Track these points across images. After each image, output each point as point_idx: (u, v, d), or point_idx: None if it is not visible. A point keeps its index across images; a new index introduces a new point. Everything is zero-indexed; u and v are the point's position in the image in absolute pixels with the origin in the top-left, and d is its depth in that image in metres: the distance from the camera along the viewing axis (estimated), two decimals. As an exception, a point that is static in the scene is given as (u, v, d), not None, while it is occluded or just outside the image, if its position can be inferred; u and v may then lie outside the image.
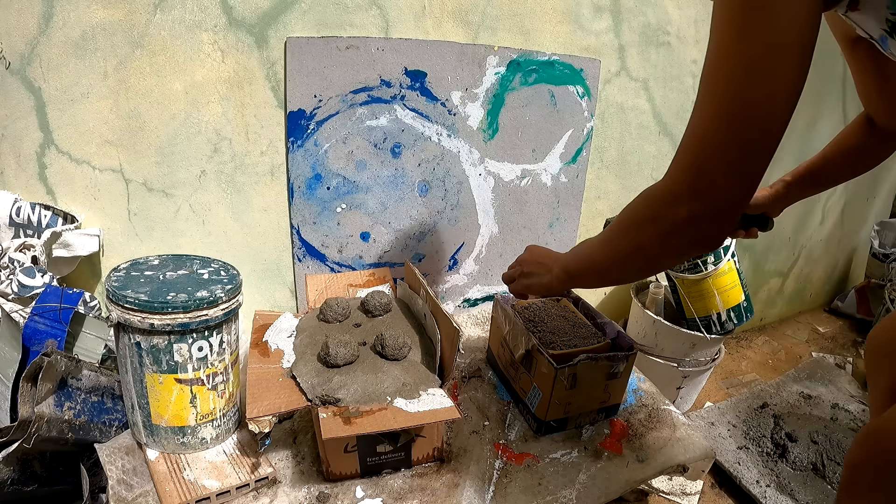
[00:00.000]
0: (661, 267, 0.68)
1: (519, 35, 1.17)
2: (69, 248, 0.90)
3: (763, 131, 0.53)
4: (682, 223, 0.57)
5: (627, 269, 0.69)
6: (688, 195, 0.57)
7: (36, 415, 0.72)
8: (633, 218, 0.65)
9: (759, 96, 0.51)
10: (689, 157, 0.57)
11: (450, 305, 1.35)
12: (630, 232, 0.65)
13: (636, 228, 0.64)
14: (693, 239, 0.59)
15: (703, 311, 1.35)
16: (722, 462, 1.29)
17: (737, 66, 0.52)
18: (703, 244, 0.59)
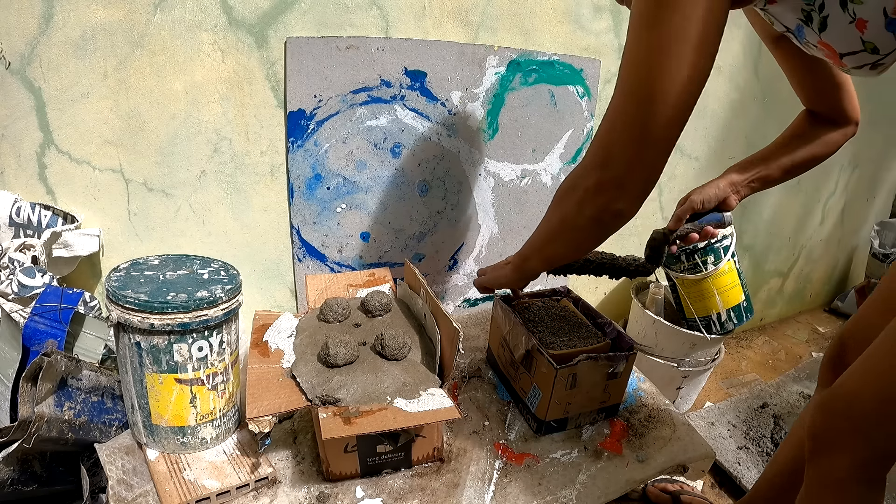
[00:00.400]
0: (586, 238, 0.75)
1: (519, 35, 1.17)
2: (69, 248, 0.90)
3: (661, 113, 0.59)
4: (592, 190, 0.67)
5: (559, 241, 0.78)
6: (596, 165, 0.66)
7: (36, 415, 0.72)
8: (558, 193, 0.74)
9: (657, 81, 0.58)
10: (599, 133, 0.66)
11: (450, 305, 1.35)
12: (556, 205, 0.75)
13: (559, 201, 0.74)
14: (603, 205, 0.67)
15: (703, 311, 1.35)
16: (722, 462, 1.29)
17: (642, 54, 0.60)
18: (613, 210, 0.67)
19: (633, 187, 0.65)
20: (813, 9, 0.62)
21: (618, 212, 0.67)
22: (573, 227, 0.73)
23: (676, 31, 0.57)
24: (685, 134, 1.22)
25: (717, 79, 1.48)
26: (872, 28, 0.59)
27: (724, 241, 1.34)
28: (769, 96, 1.61)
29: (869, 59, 0.63)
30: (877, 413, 0.61)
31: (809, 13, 0.62)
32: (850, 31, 0.60)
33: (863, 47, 0.61)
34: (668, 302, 1.49)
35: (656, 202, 1.55)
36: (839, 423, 0.65)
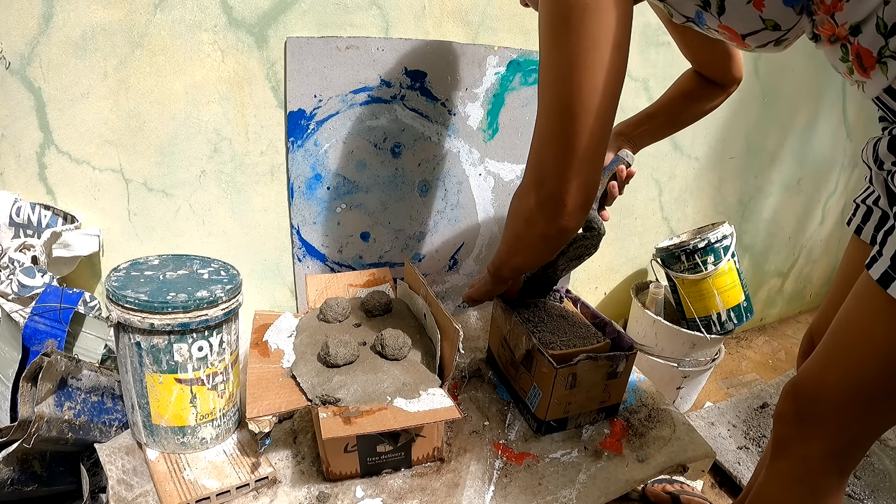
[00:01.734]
0: (541, 252, 0.77)
1: (519, 35, 1.17)
2: (69, 248, 0.90)
3: (584, 125, 0.60)
4: (534, 209, 0.68)
5: (519, 254, 0.79)
6: (532, 186, 0.68)
7: (36, 415, 0.72)
8: (510, 208, 0.76)
9: (575, 95, 0.59)
10: (530, 152, 0.68)
11: (450, 305, 1.35)
12: (509, 221, 0.77)
13: (511, 217, 0.76)
14: (546, 223, 0.68)
15: (703, 311, 1.35)
16: (722, 462, 1.29)
17: (555, 68, 0.60)
18: (557, 227, 0.68)
19: (571, 202, 0.65)
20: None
21: (562, 228, 0.68)
22: (525, 243, 0.76)
23: (586, 40, 0.57)
24: (685, 133, 1.23)
25: (717, 79, 1.48)
26: (770, 5, 0.58)
27: (724, 241, 1.34)
28: (769, 96, 1.61)
29: (771, 36, 0.62)
30: (844, 398, 0.61)
31: None
32: (749, 11, 0.59)
33: (763, 25, 0.60)
34: (668, 302, 1.49)
35: (656, 202, 1.55)
36: (807, 409, 0.65)
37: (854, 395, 0.61)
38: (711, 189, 1.67)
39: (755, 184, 1.76)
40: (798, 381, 0.67)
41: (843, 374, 0.61)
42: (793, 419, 0.67)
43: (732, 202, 1.74)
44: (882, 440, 1.49)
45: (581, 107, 0.60)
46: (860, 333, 0.60)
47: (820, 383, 0.64)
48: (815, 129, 1.79)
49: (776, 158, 1.77)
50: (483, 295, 0.95)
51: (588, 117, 0.60)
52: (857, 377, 0.60)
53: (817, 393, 0.64)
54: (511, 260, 0.83)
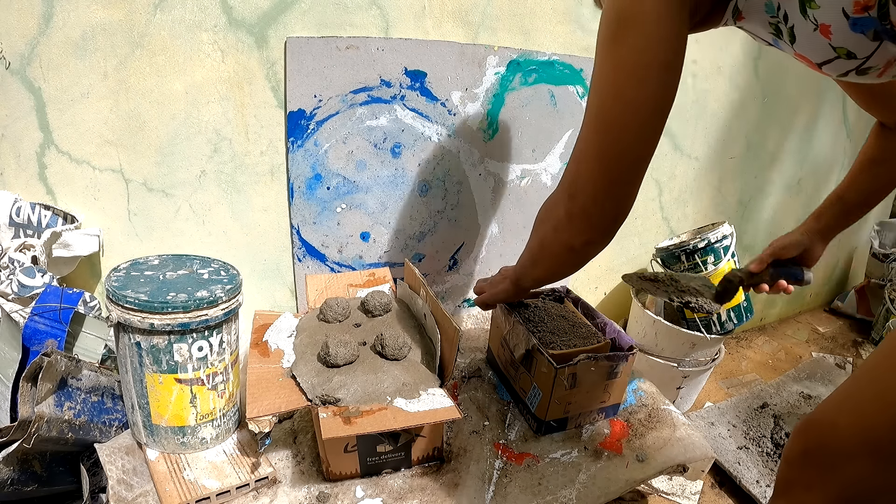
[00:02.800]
0: (563, 263, 0.77)
1: (519, 35, 1.17)
2: (69, 248, 0.90)
3: (626, 143, 0.59)
4: (563, 220, 0.68)
5: (541, 265, 0.79)
6: (565, 195, 0.67)
7: (36, 415, 0.72)
8: (538, 215, 0.76)
9: (621, 111, 0.58)
10: (569, 162, 0.67)
11: (450, 305, 1.35)
12: (536, 228, 0.77)
13: (538, 224, 0.76)
14: (573, 235, 0.67)
15: (703, 311, 1.35)
16: (722, 462, 1.29)
17: (603, 83, 0.59)
18: (583, 241, 0.68)
19: (601, 220, 0.65)
20: (779, 20, 0.59)
21: (588, 241, 0.67)
22: (550, 253, 0.75)
23: (636, 58, 0.56)
24: (685, 134, 1.23)
25: (718, 79, 1.48)
26: (838, 32, 0.54)
27: (723, 241, 1.34)
28: (769, 96, 1.61)
29: (848, 65, 0.58)
30: (854, 450, 0.55)
31: (777, 26, 0.60)
32: (818, 39, 0.56)
33: (836, 54, 0.57)
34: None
35: (656, 202, 1.55)
36: (815, 454, 0.59)
37: (865, 448, 0.55)
38: (711, 189, 1.67)
39: (755, 184, 1.76)
40: (810, 420, 0.61)
41: (856, 424, 0.55)
42: (798, 461, 0.61)
43: (732, 202, 1.74)
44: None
45: (621, 122, 0.58)
46: (880, 386, 0.55)
47: (833, 427, 0.58)
48: (816, 129, 1.79)
49: (776, 158, 1.77)
50: (497, 300, 0.95)
51: (628, 133, 0.59)
52: (870, 430, 0.54)
53: (828, 437, 0.58)
54: (533, 270, 0.82)
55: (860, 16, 0.52)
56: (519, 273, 0.87)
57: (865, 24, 0.53)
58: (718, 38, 1.43)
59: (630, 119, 0.58)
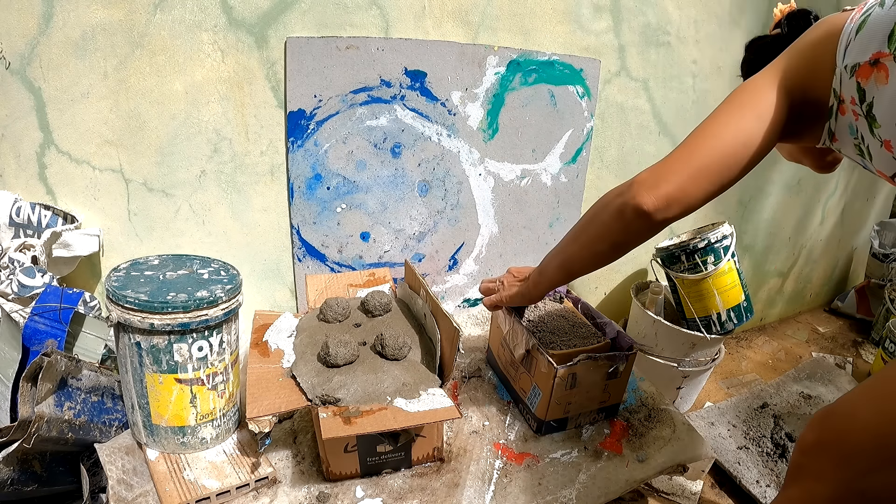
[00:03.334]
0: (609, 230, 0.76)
1: (519, 35, 1.17)
2: (69, 248, 0.90)
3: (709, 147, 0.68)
4: (632, 182, 0.71)
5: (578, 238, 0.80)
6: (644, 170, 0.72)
7: (36, 415, 0.72)
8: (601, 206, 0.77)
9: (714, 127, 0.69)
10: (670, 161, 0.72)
11: (450, 305, 1.35)
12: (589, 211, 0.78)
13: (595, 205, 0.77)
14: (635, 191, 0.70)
15: (703, 311, 1.35)
16: (722, 462, 1.29)
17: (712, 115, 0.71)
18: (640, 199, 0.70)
19: (666, 190, 0.68)
20: (859, 141, 0.66)
21: (640, 206, 0.69)
22: (599, 220, 0.75)
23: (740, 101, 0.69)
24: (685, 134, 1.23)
25: (717, 79, 1.48)
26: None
27: (724, 241, 1.34)
28: (769, 96, 1.61)
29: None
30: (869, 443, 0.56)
31: (859, 146, 0.66)
32: (884, 154, 0.62)
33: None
34: (668, 302, 1.49)
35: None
36: (830, 444, 0.60)
37: (879, 443, 0.55)
38: (711, 189, 1.66)
39: (755, 184, 1.76)
40: (830, 410, 0.62)
41: (877, 418, 0.56)
42: (812, 449, 0.62)
43: (732, 202, 1.74)
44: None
45: (715, 134, 0.68)
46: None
47: (851, 418, 0.59)
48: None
49: (776, 158, 1.76)
50: (514, 301, 0.92)
51: (716, 142, 0.68)
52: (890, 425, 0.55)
53: (846, 428, 0.59)
54: (567, 247, 0.82)
55: None
56: (546, 262, 0.86)
57: None
58: (718, 38, 1.43)
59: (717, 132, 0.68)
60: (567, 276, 0.85)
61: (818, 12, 0.76)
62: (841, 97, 0.65)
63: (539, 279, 0.88)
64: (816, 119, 0.70)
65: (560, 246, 0.84)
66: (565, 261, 0.83)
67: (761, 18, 1.48)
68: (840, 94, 0.65)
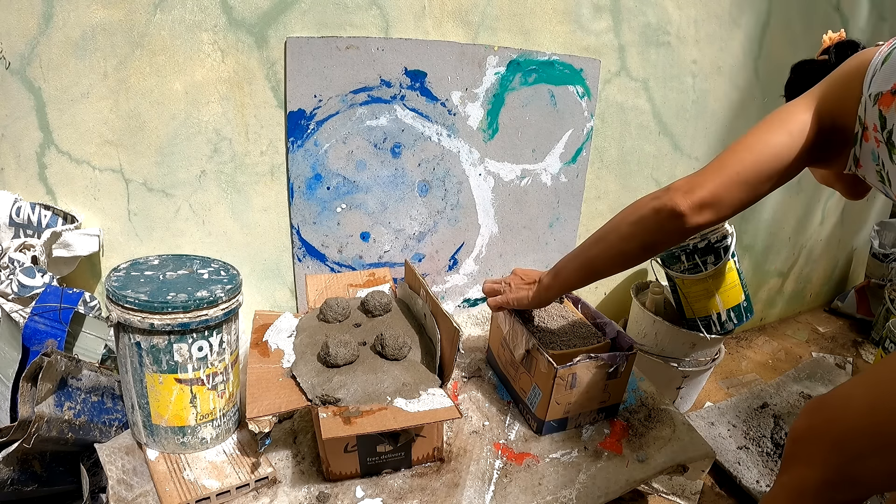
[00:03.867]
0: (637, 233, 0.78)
1: (519, 35, 1.17)
2: (69, 248, 0.90)
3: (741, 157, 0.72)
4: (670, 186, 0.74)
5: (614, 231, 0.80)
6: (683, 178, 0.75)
7: (36, 415, 0.72)
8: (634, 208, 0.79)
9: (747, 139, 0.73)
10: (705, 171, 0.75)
11: (450, 305, 1.35)
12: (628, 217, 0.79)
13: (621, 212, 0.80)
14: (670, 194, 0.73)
15: (703, 311, 1.35)
16: (722, 462, 1.29)
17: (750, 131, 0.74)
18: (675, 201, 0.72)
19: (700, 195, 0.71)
20: (880, 167, 0.68)
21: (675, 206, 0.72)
22: (634, 218, 0.77)
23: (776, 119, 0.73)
24: (685, 134, 1.23)
25: (717, 79, 1.48)
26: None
27: (724, 241, 1.34)
28: (769, 96, 1.61)
29: None
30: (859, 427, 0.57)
31: (881, 173, 0.69)
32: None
33: None
34: (668, 302, 1.49)
35: (656, 202, 1.55)
36: (821, 429, 0.61)
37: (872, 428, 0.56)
38: (711, 189, 1.66)
39: (755, 184, 1.76)
40: (822, 400, 0.63)
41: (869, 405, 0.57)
42: (804, 436, 0.63)
43: (732, 202, 1.74)
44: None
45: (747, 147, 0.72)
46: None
47: (844, 406, 0.60)
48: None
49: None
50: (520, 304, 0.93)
51: (747, 153, 0.71)
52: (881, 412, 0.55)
53: (837, 413, 0.60)
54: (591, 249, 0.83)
55: None
56: (562, 264, 0.87)
57: None
58: (718, 38, 1.43)
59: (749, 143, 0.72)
60: (587, 277, 0.87)
61: None
62: (865, 124, 0.68)
63: (552, 282, 0.89)
64: (844, 145, 0.73)
65: (581, 248, 0.85)
66: (588, 261, 0.85)
67: (761, 18, 1.48)
68: (864, 122, 0.68)
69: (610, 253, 0.81)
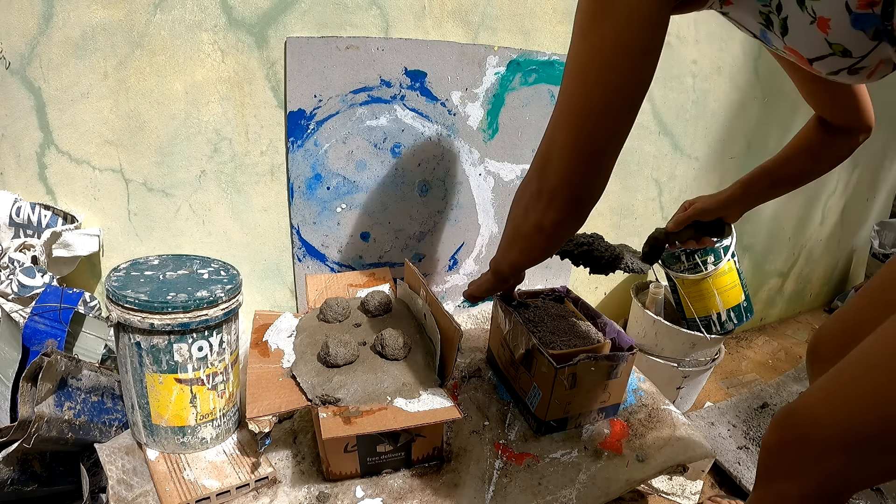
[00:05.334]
0: (534, 246, 0.74)
1: (519, 35, 1.17)
2: (69, 248, 0.90)
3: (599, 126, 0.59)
4: (534, 197, 0.66)
5: (515, 247, 0.77)
6: (536, 174, 0.66)
7: (36, 415, 0.72)
8: (511, 204, 0.75)
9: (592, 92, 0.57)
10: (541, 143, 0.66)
11: (450, 305, 1.35)
12: (510, 215, 0.76)
13: (512, 207, 0.75)
14: (541, 213, 0.66)
15: (703, 311, 1.35)
16: (722, 462, 1.29)
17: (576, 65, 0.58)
18: (550, 220, 0.66)
19: (567, 200, 0.64)
20: (770, 10, 0.56)
21: (556, 223, 0.66)
22: (521, 234, 0.73)
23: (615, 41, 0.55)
24: (685, 134, 1.23)
25: (718, 79, 1.48)
26: (837, 27, 0.52)
27: (724, 242, 1.34)
28: (769, 96, 1.61)
29: (842, 63, 0.56)
30: (834, 443, 0.55)
31: (768, 15, 0.57)
32: (813, 33, 0.54)
33: (831, 50, 0.55)
34: (668, 302, 1.49)
35: (656, 202, 1.55)
36: (794, 445, 0.59)
37: (846, 443, 0.54)
38: (711, 189, 1.66)
39: (755, 184, 1.76)
40: (790, 412, 0.61)
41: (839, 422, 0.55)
42: (776, 450, 0.61)
43: (732, 202, 1.74)
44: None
45: (596, 104, 0.58)
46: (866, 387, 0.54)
47: (814, 423, 0.57)
48: (815, 129, 1.79)
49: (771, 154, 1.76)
50: (483, 292, 0.92)
51: (601, 116, 0.59)
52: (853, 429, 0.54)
53: (808, 432, 0.58)
54: (508, 253, 0.80)
55: (864, 12, 0.50)
56: (498, 258, 0.86)
57: (868, 21, 0.51)
58: (718, 38, 1.43)
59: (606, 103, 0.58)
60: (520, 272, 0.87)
61: None
62: None
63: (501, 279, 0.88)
64: None
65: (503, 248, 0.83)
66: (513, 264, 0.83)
67: (761, 18, 1.48)
68: None
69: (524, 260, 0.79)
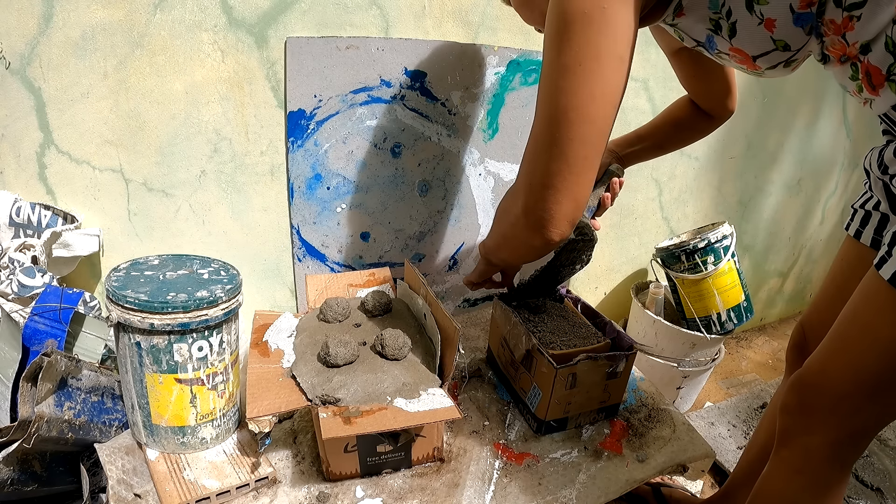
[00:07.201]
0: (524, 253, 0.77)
1: (519, 35, 1.17)
2: (69, 248, 0.90)
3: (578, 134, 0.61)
4: (520, 216, 0.69)
5: (503, 250, 0.82)
6: (522, 191, 0.68)
7: (36, 415, 0.72)
8: (499, 206, 0.80)
9: (571, 104, 0.60)
10: (524, 159, 0.69)
11: (450, 305, 1.35)
12: (497, 217, 0.80)
13: (499, 215, 0.80)
14: (531, 229, 0.68)
15: (703, 311, 1.35)
16: (722, 462, 1.29)
17: (553, 78, 0.61)
18: (542, 235, 0.68)
19: (559, 213, 0.66)
20: (720, 16, 0.62)
21: (546, 239, 0.69)
22: (511, 245, 0.78)
23: (588, 50, 0.58)
24: (685, 134, 1.19)
25: (717, 79, 1.48)
26: (781, 26, 0.60)
27: (724, 241, 1.34)
28: (769, 96, 1.61)
29: (781, 56, 0.64)
30: (847, 389, 0.63)
31: (718, 21, 0.63)
32: (760, 33, 0.61)
33: (774, 46, 0.62)
34: (668, 302, 1.49)
35: (656, 202, 1.55)
36: (812, 400, 0.67)
37: (856, 386, 0.63)
38: (711, 189, 1.67)
39: (755, 184, 1.76)
40: (802, 373, 0.69)
41: (846, 366, 0.63)
42: (796, 410, 0.69)
43: (732, 202, 1.74)
44: (882, 440, 1.49)
45: (577, 116, 0.60)
46: (865, 328, 0.62)
47: (823, 374, 0.66)
48: (815, 129, 1.79)
49: (776, 158, 1.77)
50: (479, 275, 0.96)
51: (583, 126, 0.61)
52: (859, 369, 0.62)
53: (821, 384, 0.66)
54: (498, 252, 0.85)
55: (804, 11, 0.58)
56: (487, 249, 0.88)
57: (806, 18, 0.58)
58: (718, 38, 1.43)
59: (585, 111, 0.60)
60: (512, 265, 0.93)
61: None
62: None
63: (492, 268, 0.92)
64: None
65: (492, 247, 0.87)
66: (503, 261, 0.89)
67: (761, 18, 1.48)
68: None
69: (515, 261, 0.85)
